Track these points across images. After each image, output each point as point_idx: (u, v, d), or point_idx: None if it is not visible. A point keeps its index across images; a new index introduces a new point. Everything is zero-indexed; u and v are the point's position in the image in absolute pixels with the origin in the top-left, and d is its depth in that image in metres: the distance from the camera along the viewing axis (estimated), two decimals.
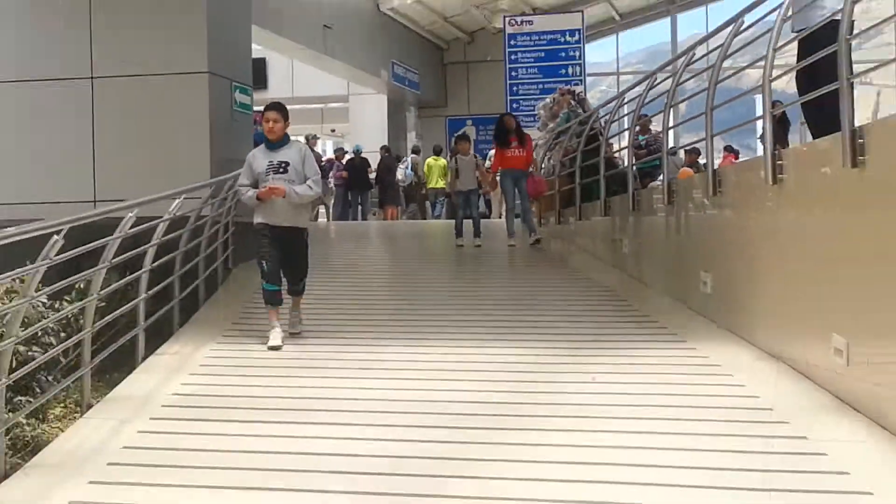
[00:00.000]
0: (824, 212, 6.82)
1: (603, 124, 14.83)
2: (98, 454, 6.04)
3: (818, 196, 6.95)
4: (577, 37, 21.65)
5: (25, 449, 6.93)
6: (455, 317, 10.30)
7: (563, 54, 21.59)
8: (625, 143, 14.27)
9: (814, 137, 7.89)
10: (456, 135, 17.49)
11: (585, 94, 19.17)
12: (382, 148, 25.22)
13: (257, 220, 8.96)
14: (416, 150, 26.11)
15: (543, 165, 17.42)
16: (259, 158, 8.92)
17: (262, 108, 24.10)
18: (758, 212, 8.13)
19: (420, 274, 13.75)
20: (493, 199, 20.68)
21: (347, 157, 25.18)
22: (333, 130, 31.77)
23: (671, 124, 11.70)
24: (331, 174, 23.88)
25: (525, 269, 13.54)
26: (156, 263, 9.17)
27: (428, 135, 29.08)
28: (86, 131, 13.74)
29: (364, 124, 28.67)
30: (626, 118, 14.45)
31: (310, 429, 6.42)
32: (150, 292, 8.96)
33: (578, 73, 21.30)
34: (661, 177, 11.96)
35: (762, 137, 15.71)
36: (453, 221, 16.41)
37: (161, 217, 9.22)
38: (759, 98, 8.10)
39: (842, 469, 5.24)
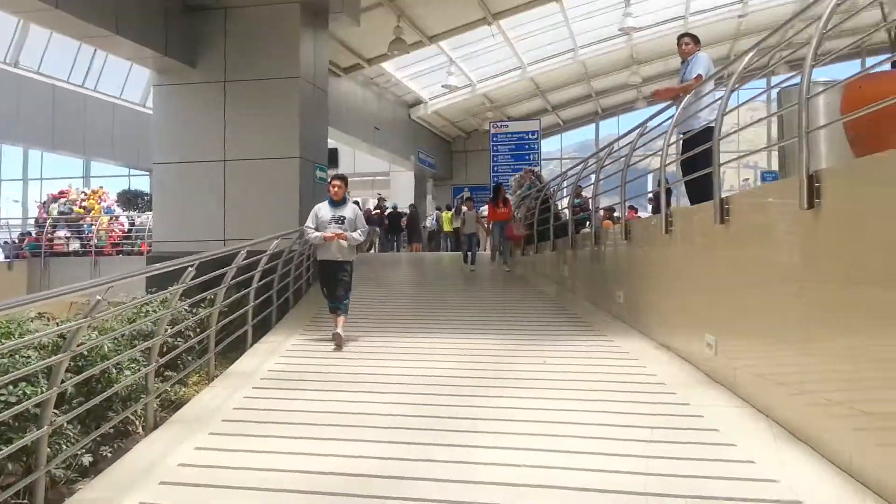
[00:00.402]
0: (700, 253, 6.69)
1: (552, 192, 14.76)
2: (217, 412, 5.84)
3: (697, 242, 6.80)
4: (535, 135, 21.78)
5: (170, 406, 6.68)
6: (453, 314, 10.04)
7: (527, 146, 21.65)
8: (566, 203, 14.17)
9: (691, 204, 7.71)
10: (463, 196, 17.78)
11: (541, 172, 19.12)
12: (410, 205, 25.38)
13: (320, 257, 8.68)
14: (438, 208, 26.02)
15: (515, 218, 17.28)
16: (324, 211, 8.50)
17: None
18: (655, 251, 7.93)
19: (433, 285, 13.49)
20: (482, 239, 20.52)
21: (388, 210, 24.93)
22: (379, 195, 31.82)
23: (598, 192, 11.57)
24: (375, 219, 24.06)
25: (500, 285, 13.25)
26: (262, 282, 9.12)
27: (440, 197, 29.55)
28: (219, 195, 13.71)
29: (399, 190, 28.72)
30: (566, 188, 14.34)
31: (359, 395, 6.20)
32: (256, 301, 8.83)
33: (536, 159, 21.24)
34: (588, 226, 12.06)
35: (655, 202, 15.51)
36: (459, 253, 16.35)
37: (265, 252, 9.25)
38: (650, 177, 7.89)
39: (713, 426, 5.01)
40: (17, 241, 22.50)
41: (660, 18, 22.16)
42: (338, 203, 8.56)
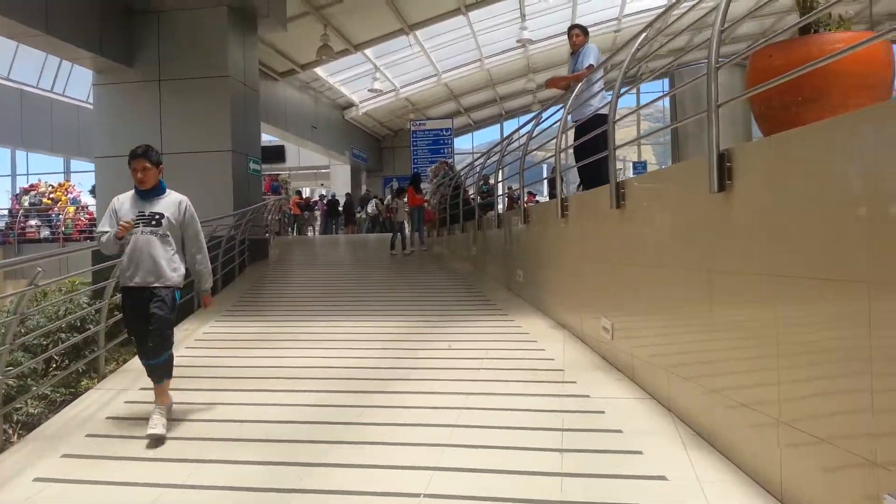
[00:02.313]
0: (596, 237, 5.35)
1: (462, 180, 13.39)
2: (86, 423, 4.24)
3: (592, 226, 5.45)
4: (449, 132, 20.39)
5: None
6: (371, 293, 8.46)
7: (442, 142, 20.20)
8: (473, 190, 12.81)
9: (584, 189, 6.43)
10: (393, 187, 16.45)
11: (454, 164, 17.71)
12: (346, 194, 23.66)
13: (122, 281, 4.25)
14: (376, 196, 24.13)
15: (430, 203, 15.80)
16: (126, 206, 4.24)
17: (277, 173, 21.59)
18: (551, 234, 6.59)
19: (357, 264, 11.68)
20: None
21: (326, 198, 23.27)
22: (322, 184, 30.04)
23: (500, 178, 10.19)
24: (316, 207, 22.33)
25: (417, 264, 11.76)
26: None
27: (373, 186, 27.59)
28: None
29: (338, 180, 26.96)
30: (475, 177, 12.95)
31: (252, 395, 4.68)
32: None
33: (450, 153, 19.78)
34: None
35: (551, 188, 14.29)
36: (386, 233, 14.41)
37: None
38: (544, 165, 6.54)
39: (615, 426, 3.68)
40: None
41: (551, 32, 20.92)
42: (147, 193, 4.29)
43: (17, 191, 21.08)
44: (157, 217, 4.19)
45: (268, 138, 24.12)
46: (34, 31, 9.83)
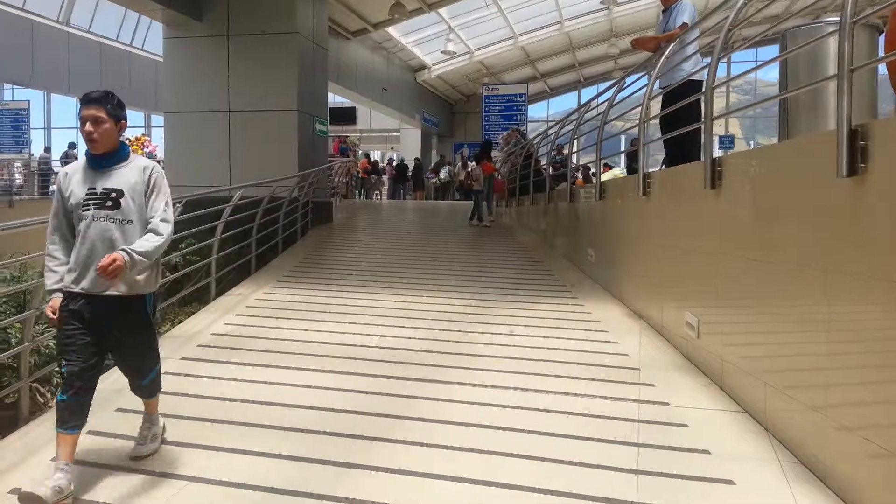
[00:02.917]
0: (684, 220, 4.72)
1: (535, 149, 12.75)
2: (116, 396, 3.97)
3: (680, 207, 4.81)
4: (523, 98, 19.41)
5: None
6: (433, 265, 8.04)
7: (515, 108, 19.35)
8: (546, 161, 12.16)
9: (669, 164, 5.79)
10: (474, 153, 15.73)
11: (526, 131, 16.99)
12: (415, 159, 23.26)
13: (71, 285, 2.89)
14: (449, 163, 23.67)
15: (500, 173, 15.20)
16: (75, 183, 2.89)
17: (347, 135, 21.44)
18: (631, 213, 5.98)
19: (423, 233, 11.26)
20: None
21: (395, 162, 22.93)
22: (392, 148, 29.72)
23: (574, 149, 9.53)
24: (384, 171, 22.25)
25: (483, 235, 11.25)
26: (238, 229, 7.50)
27: (442, 151, 27.07)
28: (224, 143, 11.76)
29: (408, 145, 26.46)
30: (548, 146, 12.28)
31: (296, 374, 4.35)
32: (223, 251, 6.96)
33: (523, 120, 18.98)
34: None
35: (630, 161, 13.53)
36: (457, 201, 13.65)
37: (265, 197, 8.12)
38: (623, 137, 5.92)
39: (702, 446, 3.14)
40: None
41: None
42: (102, 160, 2.93)
43: None
44: (112, 195, 2.84)
45: (339, 100, 24.00)
46: None
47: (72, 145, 20.11)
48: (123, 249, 2.74)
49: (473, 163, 13.56)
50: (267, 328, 5.41)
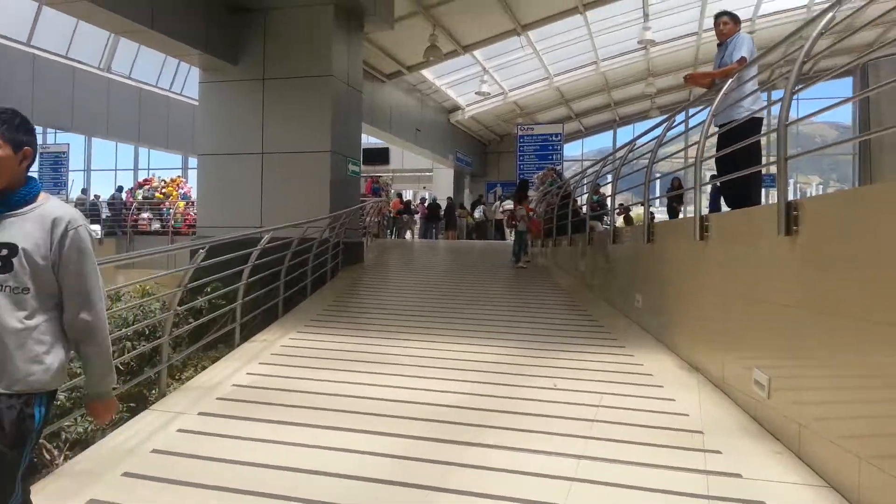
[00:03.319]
0: (748, 267, 4.28)
1: (572, 188, 12.42)
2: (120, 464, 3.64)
3: (746, 254, 4.36)
4: (559, 138, 19.15)
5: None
6: (466, 311, 7.63)
7: (550, 147, 19.10)
8: (584, 200, 11.80)
9: (729, 207, 5.40)
10: (496, 193, 15.55)
11: (562, 171, 16.65)
12: (448, 198, 23.20)
13: None
14: (483, 202, 23.58)
15: (536, 212, 14.86)
16: None
17: (379, 175, 21.30)
18: (684, 258, 5.53)
19: (455, 274, 10.69)
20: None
21: (427, 202, 22.79)
22: (425, 187, 29.65)
23: (616, 190, 9.11)
24: (416, 210, 22.16)
25: (519, 277, 10.84)
26: (265, 273, 7.24)
27: (475, 190, 27.19)
28: (257, 185, 11.68)
29: (440, 184, 26.62)
30: (586, 185, 11.92)
31: (324, 434, 3.99)
32: (249, 297, 6.67)
33: (559, 159, 18.66)
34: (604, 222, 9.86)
35: (672, 203, 13.02)
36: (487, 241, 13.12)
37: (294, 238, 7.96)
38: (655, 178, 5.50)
39: None
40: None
41: (676, 34, 19.54)
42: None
43: (133, 185, 21.90)
44: (2, 253, 2.03)
45: (373, 140, 24.09)
46: (139, 25, 9.77)
47: (84, 191, 20.44)
48: (97, 393, 2.23)
49: (512, 202, 13.29)
50: (291, 379, 5.07)
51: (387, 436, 3.87)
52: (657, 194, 15.14)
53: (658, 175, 7.04)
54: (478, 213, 21.25)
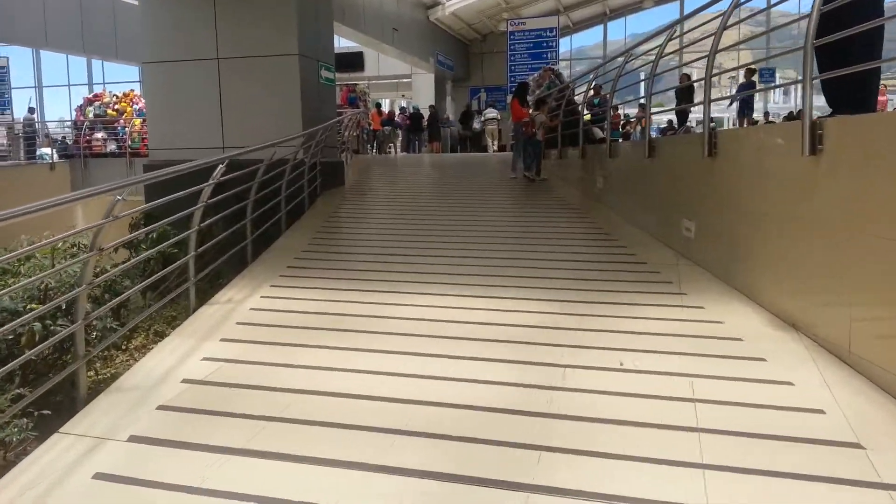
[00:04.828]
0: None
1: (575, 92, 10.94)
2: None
3: (885, 170, 3.05)
4: (554, 33, 17.22)
5: None
6: (474, 241, 6.40)
7: (545, 44, 17.21)
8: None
9: (835, 109, 4.02)
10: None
11: (560, 71, 14.87)
12: (430, 106, 21.06)
13: None
14: (477, 111, 21.24)
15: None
16: None
17: (355, 83, 19.28)
18: (777, 175, 4.17)
19: (462, 195, 9.35)
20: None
21: (408, 111, 20.89)
22: (403, 95, 27.56)
23: (651, 91, 7.62)
24: (399, 120, 20.20)
25: (528, 195, 9.52)
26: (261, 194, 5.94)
27: (457, 97, 25.25)
28: (214, 97, 9.99)
29: (421, 91, 24.34)
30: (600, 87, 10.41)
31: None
32: (202, 247, 5.22)
33: (553, 58, 16.86)
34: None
35: (743, 107, 11.67)
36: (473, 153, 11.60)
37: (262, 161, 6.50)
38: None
39: None
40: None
41: None
42: None
43: (81, 101, 19.76)
44: None
45: (345, 44, 21.90)
46: None
47: (31, 110, 18.43)
48: None
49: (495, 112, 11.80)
50: (264, 366, 3.74)
51: (403, 474, 2.60)
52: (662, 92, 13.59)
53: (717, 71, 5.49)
54: (477, 125, 19.54)
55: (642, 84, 10.64)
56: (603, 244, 6.41)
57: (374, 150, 18.97)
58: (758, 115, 19.02)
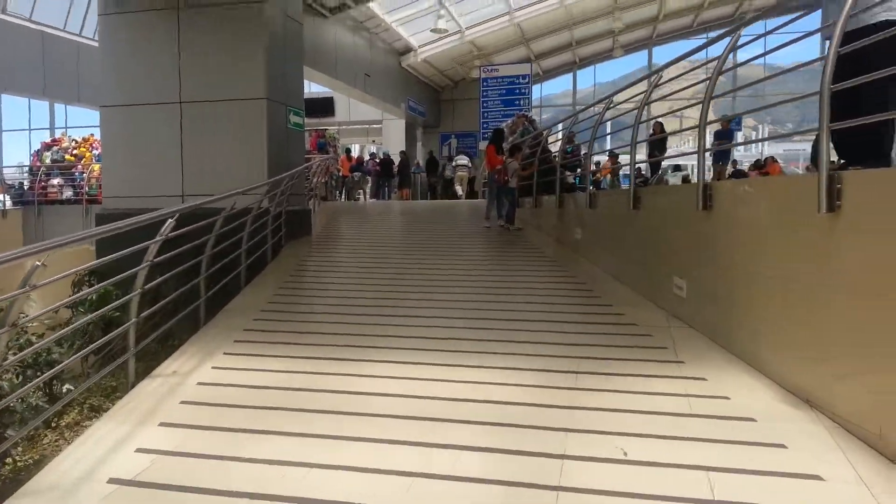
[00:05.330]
0: None
1: (548, 141, 10.79)
2: None
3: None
4: (527, 80, 17.16)
5: None
6: (451, 298, 5.94)
7: (518, 91, 17.13)
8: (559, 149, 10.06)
9: (848, 161, 3.70)
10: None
11: (534, 118, 14.69)
12: (401, 152, 20.94)
13: None
14: (451, 157, 21.49)
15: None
16: None
17: (325, 128, 19.00)
18: (791, 236, 3.79)
19: (436, 246, 8.95)
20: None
21: (377, 157, 20.54)
22: (374, 141, 27.30)
23: (637, 138, 7.35)
24: (369, 166, 19.85)
25: (505, 245, 9.15)
26: (219, 247, 5.53)
27: (428, 144, 24.92)
28: (175, 143, 9.51)
29: (391, 137, 24.25)
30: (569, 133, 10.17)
31: None
32: (145, 312, 4.64)
33: (526, 104, 16.75)
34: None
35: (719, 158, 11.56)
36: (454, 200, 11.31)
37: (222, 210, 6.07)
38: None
39: None
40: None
41: None
42: None
43: (39, 146, 19.05)
44: None
45: (315, 89, 21.64)
46: None
47: None
48: None
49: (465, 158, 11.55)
50: (207, 460, 3.18)
51: None
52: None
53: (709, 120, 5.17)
54: (448, 172, 19.29)
55: (610, 135, 10.44)
56: (587, 302, 5.99)
57: (343, 197, 18.54)
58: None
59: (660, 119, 12.92)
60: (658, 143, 12.50)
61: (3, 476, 3.90)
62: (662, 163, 13.75)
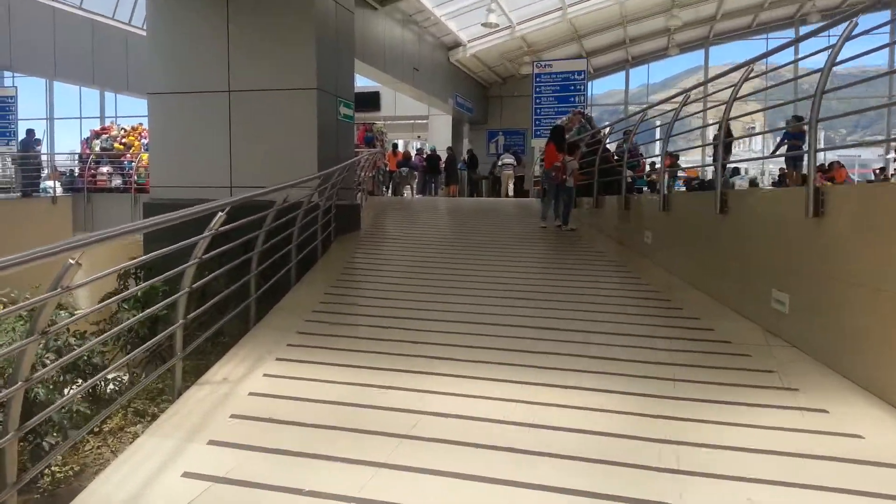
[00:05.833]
0: None
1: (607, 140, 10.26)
2: None
3: None
4: (582, 76, 16.43)
5: None
6: (514, 306, 5.47)
7: (573, 87, 16.40)
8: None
9: None
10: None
11: (591, 115, 14.10)
12: (448, 148, 20.57)
13: None
14: (498, 156, 21.01)
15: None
16: None
17: (372, 122, 18.47)
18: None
19: (491, 245, 8.40)
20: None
21: (425, 153, 20.13)
22: (419, 136, 26.89)
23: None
24: (416, 161, 19.45)
25: (565, 251, 8.62)
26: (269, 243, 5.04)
27: (474, 140, 24.50)
28: (224, 133, 9.20)
29: (437, 133, 23.86)
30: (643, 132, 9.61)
31: None
32: (189, 316, 4.26)
33: (582, 101, 16.10)
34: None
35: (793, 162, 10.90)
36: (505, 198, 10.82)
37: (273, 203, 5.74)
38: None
39: None
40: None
41: None
42: None
43: (87, 134, 19.13)
44: None
45: (361, 83, 21.33)
46: None
47: (37, 141, 17.78)
48: None
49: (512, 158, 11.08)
50: (266, 491, 2.77)
51: None
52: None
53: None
54: (497, 170, 18.87)
55: (682, 134, 9.81)
56: (668, 314, 5.45)
57: (390, 192, 18.19)
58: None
59: (743, 118, 12.28)
60: (726, 146, 11.86)
61: (43, 488, 3.57)
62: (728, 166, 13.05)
